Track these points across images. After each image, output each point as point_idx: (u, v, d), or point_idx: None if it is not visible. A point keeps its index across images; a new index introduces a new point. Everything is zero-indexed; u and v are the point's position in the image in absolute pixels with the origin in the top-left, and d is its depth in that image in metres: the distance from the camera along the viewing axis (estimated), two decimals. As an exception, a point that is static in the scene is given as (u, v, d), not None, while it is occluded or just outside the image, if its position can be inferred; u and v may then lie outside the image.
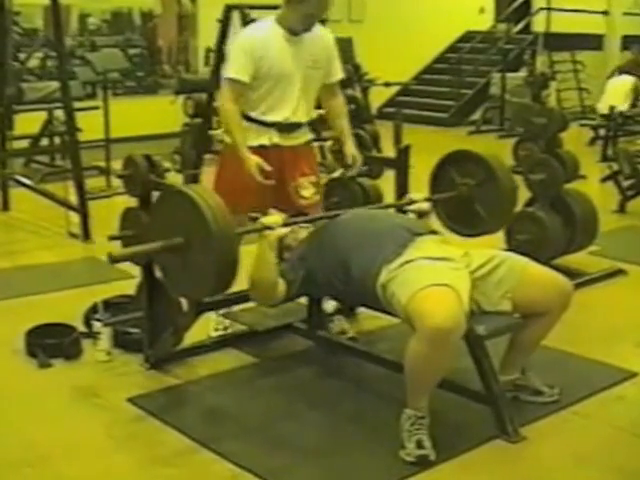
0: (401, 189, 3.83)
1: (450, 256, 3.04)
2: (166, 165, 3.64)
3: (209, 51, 8.92)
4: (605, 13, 12.36)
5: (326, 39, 3.70)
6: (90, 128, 6.88)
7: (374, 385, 3.43)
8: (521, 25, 12.23)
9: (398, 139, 4.96)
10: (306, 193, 3.67)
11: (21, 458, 2.86)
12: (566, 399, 3.26)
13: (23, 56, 9.75)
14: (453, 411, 3.14)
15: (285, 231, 3.11)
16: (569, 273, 4.02)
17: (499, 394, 3.03)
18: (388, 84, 9.95)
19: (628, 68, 10.36)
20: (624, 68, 10.51)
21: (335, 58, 3.74)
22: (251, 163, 3.46)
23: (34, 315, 3.91)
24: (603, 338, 3.96)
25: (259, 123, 3.60)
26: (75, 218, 5.65)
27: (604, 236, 5.16)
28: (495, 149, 3.75)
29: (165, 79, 11.95)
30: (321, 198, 3.78)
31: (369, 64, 10.01)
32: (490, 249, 3.24)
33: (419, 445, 2.81)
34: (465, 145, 3.81)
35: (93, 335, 3.70)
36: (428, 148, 3.94)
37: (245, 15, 6.51)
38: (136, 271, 3.62)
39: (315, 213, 3.58)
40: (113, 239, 3.52)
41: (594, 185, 6.94)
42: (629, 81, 9.68)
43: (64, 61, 6.08)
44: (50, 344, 3.63)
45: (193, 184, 5.28)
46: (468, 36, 12.57)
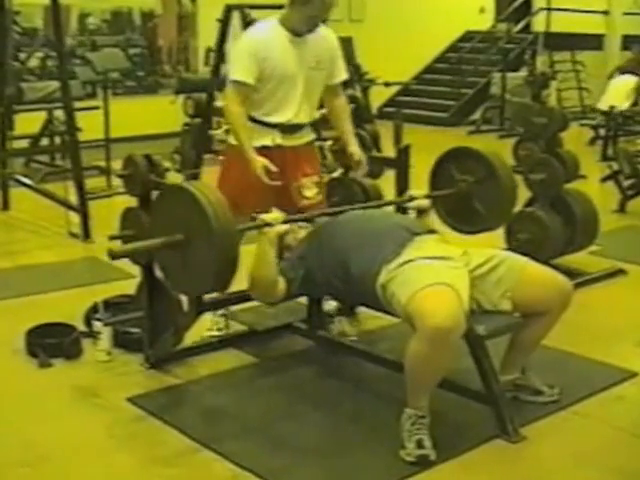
0: (401, 189, 3.83)
1: (449, 255, 3.04)
2: (166, 165, 3.64)
3: (209, 51, 8.90)
4: (605, 13, 12.35)
5: (329, 40, 3.68)
6: (90, 128, 6.88)
7: (374, 385, 3.43)
8: (521, 25, 12.22)
9: (398, 139, 4.95)
10: (309, 193, 3.66)
11: (21, 458, 2.86)
12: (566, 399, 3.26)
13: (23, 56, 9.77)
14: (453, 411, 3.15)
15: (285, 228, 3.10)
16: (569, 273, 4.02)
17: (499, 394, 3.03)
18: (388, 84, 9.94)
19: (631, 68, 10.35)
20: (625, 68, 10.50)
21: (339, 58, 3.72)
22: (257, 165, 3.44)
23: (34, 315, 3.91)
24: (603, 338, 3.96)
25: (262, 124, 3.58)
26: (75, 218, 5.65)
27: (604, 236, 5.16)
28: (495, 149, 3.74)
29: (165, 79, 11.96)
30: (324, 198, 3.77)
31: (369, 64, 10.01)
32: (489, 248, 3.24)
33: (419, 445, 2.81)
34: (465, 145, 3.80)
35: (93, 335, 3.70)
36: (428, 148, 3.93)
37: (245, 15, 6.49)
38: (136, 271, 3.63)
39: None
40: (113, 239, 3.52)
41: (594, 185, 6.93)
42: (631, 80, 9.67)
43: (64, 61, 6.07)
44: (50, 344, 3.63)
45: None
46: (468, 36, 12.56)
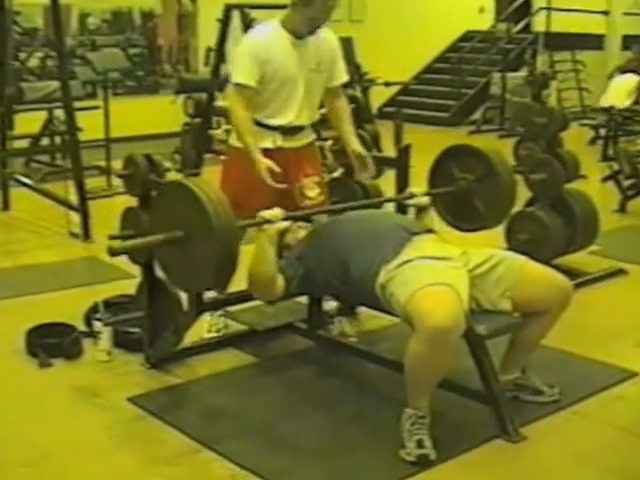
0: (401, 188, 3.82)
1: (448, 255, 3.04)
2: (166, 165, 3.64)
3: (209, 51, 8.91)
4: (605, 13, 12.34)
5: (330, 41, 3.67)
6: (90, 128, 6.88)
7: (374, 385, 3.43)
8: (521, 25, 12.21)
9: (398, 139, 4.94)
10: (311, 193, 3.66)
11: (21, 458, 2.86)
12: (566, 399, 3.26)
13: (23, 56, 9.75)
14: (453, 411, 3.14)
15: (285, 225, 3.10)
16: (569, 273, 4.02)
17: (499, 394, 3.03)
18: (388, 84, 9.94)
19: (633, 67, 10.35)
20: (626, 67, 10.50)
21: (339, 60, 3.71)
22: (262, 166, 3.43)
23: (34, 315, 3.91)
24: (603, 338, 3.96)
25: (263, 126, 3.57)
26: (75, 218, 5.65)
27: (604, 236, 5.16)
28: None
29: (165, 79, 11.96)
30: (326, 198, 3.76)
31: (369, 64, 10.02)
32: (488, 248, 3.23)
33: (419, 445, 2.81)
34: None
35: (93, 335, 3.70)
36: (428, 148, 3.92)
37: (245, 15, 6.50)
38: (136, 271, 3.63)
39: (320, 214, 3.57)
40: (113, 238, 3.51)
41: (595, 185, 6.93)
42: (632, 80, 9.68)
43: (64, 61, 6.07)
44: (50, 344, 3.63)
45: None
46: (468, 36, 12.56)
